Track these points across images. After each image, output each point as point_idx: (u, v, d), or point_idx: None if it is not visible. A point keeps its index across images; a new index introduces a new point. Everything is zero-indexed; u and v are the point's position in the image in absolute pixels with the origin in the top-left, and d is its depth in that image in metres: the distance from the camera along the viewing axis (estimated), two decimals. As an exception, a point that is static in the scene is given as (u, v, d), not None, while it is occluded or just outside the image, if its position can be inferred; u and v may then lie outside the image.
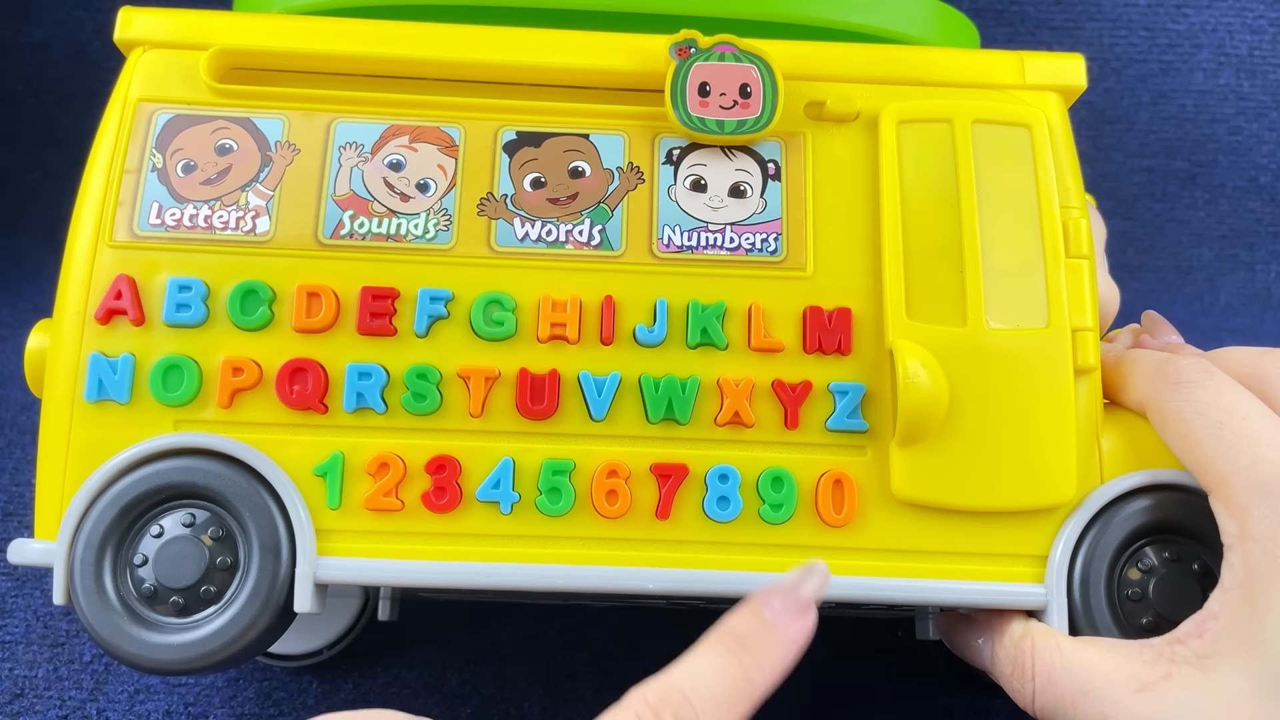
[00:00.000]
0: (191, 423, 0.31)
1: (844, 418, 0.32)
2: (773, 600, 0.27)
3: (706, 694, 0.25)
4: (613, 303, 0.32)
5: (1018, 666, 0.29)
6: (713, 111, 0.33)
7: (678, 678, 0.26)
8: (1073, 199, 0.33)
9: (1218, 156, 0.60)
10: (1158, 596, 0.31)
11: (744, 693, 0.26)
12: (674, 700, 0.25)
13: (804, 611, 0.27)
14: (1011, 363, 0.31)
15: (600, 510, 0.31)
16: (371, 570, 0.31)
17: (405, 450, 0.31)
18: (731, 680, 0.26)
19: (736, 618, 0.27)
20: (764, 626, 0.27)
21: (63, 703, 0.40)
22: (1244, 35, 0.59)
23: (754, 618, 0.27)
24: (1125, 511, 0.31)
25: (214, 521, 0.31)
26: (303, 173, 0.33)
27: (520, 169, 0.33)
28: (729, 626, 0.27)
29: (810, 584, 0.28)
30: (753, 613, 0.27)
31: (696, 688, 0.26)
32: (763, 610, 0.27)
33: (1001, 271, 0.32)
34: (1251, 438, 0.28)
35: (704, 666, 0.26)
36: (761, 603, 0.27)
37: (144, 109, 0.33)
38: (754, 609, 0.27)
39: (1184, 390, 0.29)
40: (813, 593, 0.28)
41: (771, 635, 0.27)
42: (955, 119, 0.33)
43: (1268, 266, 0.60)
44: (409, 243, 0.32)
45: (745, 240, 0.33)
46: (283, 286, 0.32)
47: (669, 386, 0.32)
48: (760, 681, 0.26)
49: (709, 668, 0.26)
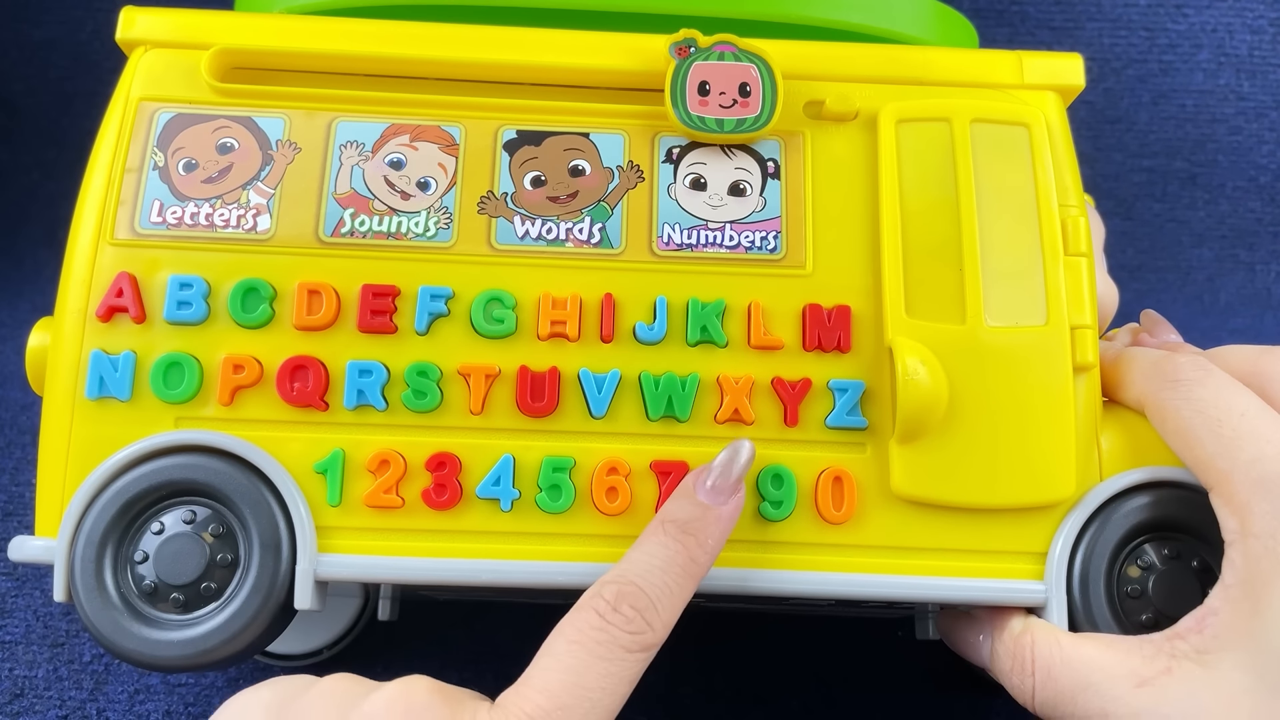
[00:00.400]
0: (192, 420, 0.31)
1: (843, 415, 0.32)
2: (706, 483, 0.29)
3: (658, 581, 0.28)
4: (613, 300, 0.32)
5: (1017, 662, 0.29)
6: (712, 110, 0.33)
7: (630, 571, 0.28)
8: (1071, 197, 0.33)
9: (1218, 156, 0.60)
10: (1157, 593, 0.31)
11: (690, 573, 0.28)
12: (630, 593, 0.27)
13: (735, 490, 0.29)
14: (1010, 360, 0.31)
15: (600, 507, 0.31)
16: (372, 567, 0.31)
17: (406, 447, 0.31)
18: (679, 564, 0.28)
19: (675, 504, 0.29)
20: (701, 509, 0.29)
21: (63, 703, 0.40)
22: (1244, 35, 0.59)
23: (691, 502, 0.29)
24: (1124, 509, 0.31)
25: (215, 518, 0.31)
26: (303, 171, 0.33)
27: (520, 167, 0.33)
28: (669, 514, 0.29)
29: (739, 463, 0.29)
30: (689, 498, 0.29)
31: (649, 577, 0.28)
32: (697, 494, 0.29)
33: (1000, 269, 0.32)
34: (1251, 434, 0.28)
35: (653, 556, 0.28)
36: (695, 487, 0.29)
37: (145, 108, 0.33)
38: (689, 494, 0.29)
39: (1182, 388, 0.29)
40: (741, 471, 0.29)
41: (709, 516, 0.29)
42: (954, 118, 0.34)
43: (1268, 266, 0.60)
44: (409, 241, 0.33)
45: (745, 238, 0.33)
46: (283, 284, 0.32)
47: (669, 384, 0.32)
48: (704, 560, 0.29)
49: (657, 557, 0.28)
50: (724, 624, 0.42)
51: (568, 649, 0.27)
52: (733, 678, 0.41)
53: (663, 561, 0.28)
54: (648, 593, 0.27)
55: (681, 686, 0.41)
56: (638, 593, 0.27)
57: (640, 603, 0.27)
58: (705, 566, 0.29)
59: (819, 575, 0.31)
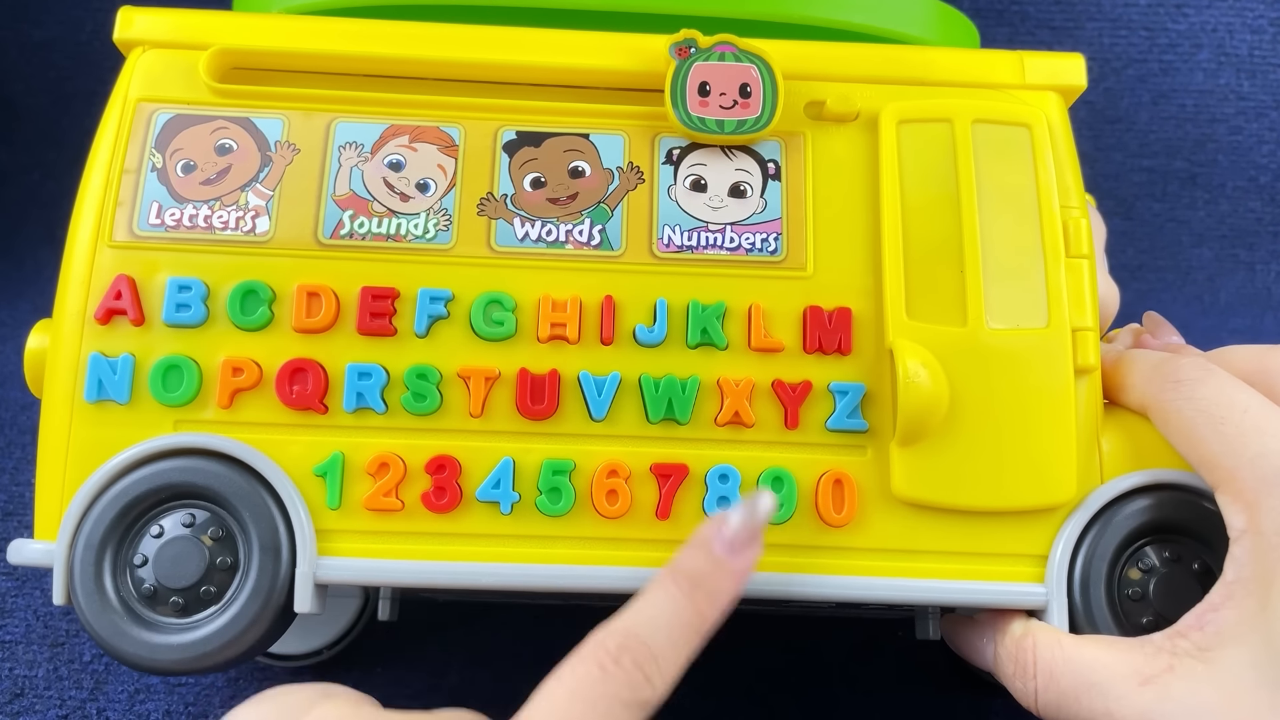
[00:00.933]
0: (191, 423, 0.31)
1: (844, 417, 0.32)
2: (722, 534, 0.28)
3: (664, 638, 0.26)
4: (613, 302, 0.32)
5: (1020, 665, 0.29)
6: (713, 111, 0.33)
7: (635, 623, 0.27)
8: (1073, 198, 0.33)
9: (1218, 156, 0.60)
10: (1158, 596, 0.31)
11: (697, 629, 0.27)
12: (633, 646, 0.26)
13: (751, 544, 0.28)
14: (1012, 362, 0.31)
15: (600, 510, 0.31)
16: (371, 570, 0.31)
17: (405, 450, 0.31)
18: (686, 620, 0.27)
19: (688, 555, 0.28)
20: (715, 563, 0.28)
21: (63, 703, 0.40)
22: (1244, 35, 0.59)
23: (705, 555, 0.28)
24: (1125, 511, 0.31)
25: (214, 522, 0.31)
26: (302, 172, 0.33)
27: (520, 169, 0.33)
28: (681, 566, 0.28)
29: (758, 516, 0.28)
30: (703, 550, 0.28)
31: (654, 632, 0.26)
32: (714, 546, 0.28)
33: (1001, 271, 0.32)
34: (1255, 430, 0.28)
35: (660, 608, 0.27)
36: (712, 538, 0.28)
37: (144, 109, 0.33)
38: (704, 545, 0.28)
39: (1184, 388, 0.29)
40: (761, 524, 0.28)
41: (722, 571, 0.28)
42: (955, 119, 0.33)
43: (1268, 266, 0.60)
44: (409, 243, 0.32)
45: (745, 240, 0.33)
46: (282, 286, 0.32)
47: (669, 386, 0.32)
48: (712, 617, 0.27)
49: (665, 609, 0.27)
50: (723, 624, 0.42)
51: (568, 701, 0.26)
52: (732, 678, 0.41)
53: (669, 615, 0.27)
54: (653, 648, 0.26)
55: (681, 686, 0.41)
56: (641, 647, 0.26)
57: (643, 657, 0.26)
58: (712, 622, 0.27)
59: (819, 578, 0.31)
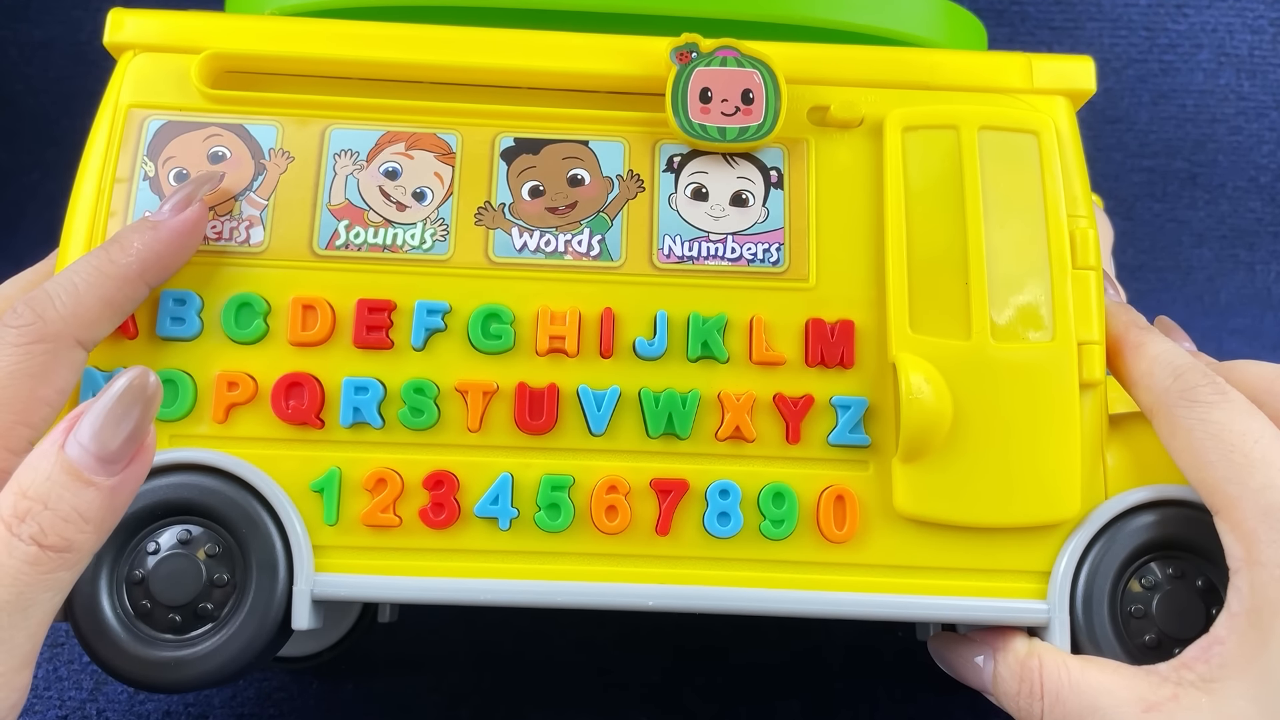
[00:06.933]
0: (186, 438, 0.31)
1: (846, 432, 0.31)
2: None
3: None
4: (612, 315, 0.32)
5: (1025, 685, 0.29)
6: (714, 118, 0.33)
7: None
8: (1080, 208, 0.33)
9: (1218, 156, 0.60)
10: (1161, 613, 0.30)
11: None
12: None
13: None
14: (1016, 377, 0.31)
15: (600, 526, 0.31)
16: (369, 587, 0.31)
17: (403, 466, 0.31)
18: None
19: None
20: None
21: (63, 703, 0.39)
22: (1244, 35, 0.59)
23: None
24: (1129, 527, 0.31)
25: (210, 538, 0.30)
26: (297, 181, 0.32)
27: (518, 177, 0.33)
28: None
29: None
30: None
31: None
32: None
33: (1007, 283, 0.32)
34: (1263, 461, 0.27)
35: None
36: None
37: (135, 115, 0.33)
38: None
39: (1199, 409, 0.29)
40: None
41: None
42: (961, 125, 0.33)
43: (1268, 266, 0.60)
44: (405, 253, 0.32)
45: (747, 250, 0.32)
46: (277, 299, 0.31)
47: (669, 401, 0.31)
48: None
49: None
50: (723, 624, 0.42)
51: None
52: (732, 677, 0.41)
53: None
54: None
55: (681, 687, 0.41)
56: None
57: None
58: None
59: (820, 595, 0.31)
